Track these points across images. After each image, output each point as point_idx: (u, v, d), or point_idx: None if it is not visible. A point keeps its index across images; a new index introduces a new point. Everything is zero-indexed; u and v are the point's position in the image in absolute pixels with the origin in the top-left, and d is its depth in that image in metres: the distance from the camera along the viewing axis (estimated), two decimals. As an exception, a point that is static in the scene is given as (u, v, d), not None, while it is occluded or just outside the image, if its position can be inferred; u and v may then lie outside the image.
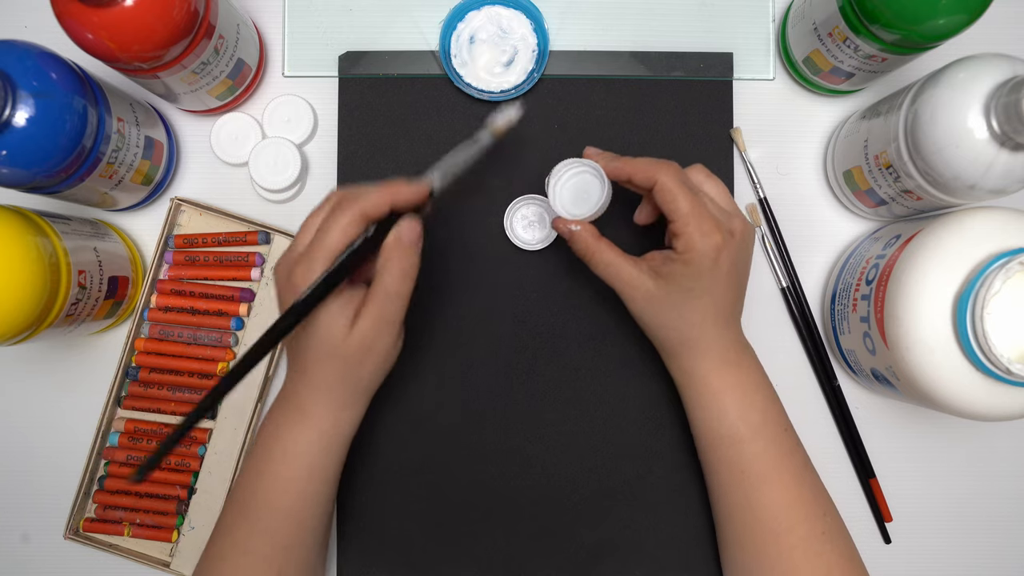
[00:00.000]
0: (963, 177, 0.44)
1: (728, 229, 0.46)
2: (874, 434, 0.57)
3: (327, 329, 0.43)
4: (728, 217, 0.47)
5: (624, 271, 0.47)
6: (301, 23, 0.58)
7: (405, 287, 0.44)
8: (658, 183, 0.45)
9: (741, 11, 0.58)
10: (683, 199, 0.45)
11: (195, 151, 0.59)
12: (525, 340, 0.57)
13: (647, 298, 0.47)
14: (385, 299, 0.43)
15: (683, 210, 0.45)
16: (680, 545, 0.56)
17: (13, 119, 0.43)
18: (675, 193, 0.45)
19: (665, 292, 0.46)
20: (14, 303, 0.45)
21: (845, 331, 0.53)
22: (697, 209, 0.45)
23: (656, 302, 0.47)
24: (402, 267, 0.43)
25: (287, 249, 0.45)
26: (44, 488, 0.58)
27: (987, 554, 0.58)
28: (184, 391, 0.56)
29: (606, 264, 0.47)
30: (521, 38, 0.56)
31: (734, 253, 0.46)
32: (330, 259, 0.42)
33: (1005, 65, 0.42)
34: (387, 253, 0.43)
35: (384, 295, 0.43)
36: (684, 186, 0.45)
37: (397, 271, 0.43)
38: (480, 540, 0.56)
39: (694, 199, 0.45)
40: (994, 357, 0.42)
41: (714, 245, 0.45)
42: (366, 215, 0.43)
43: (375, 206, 0.43)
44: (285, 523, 0.46)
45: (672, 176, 0.45)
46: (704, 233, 0.45)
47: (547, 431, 0.57)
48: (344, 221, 0.43)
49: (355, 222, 0.43)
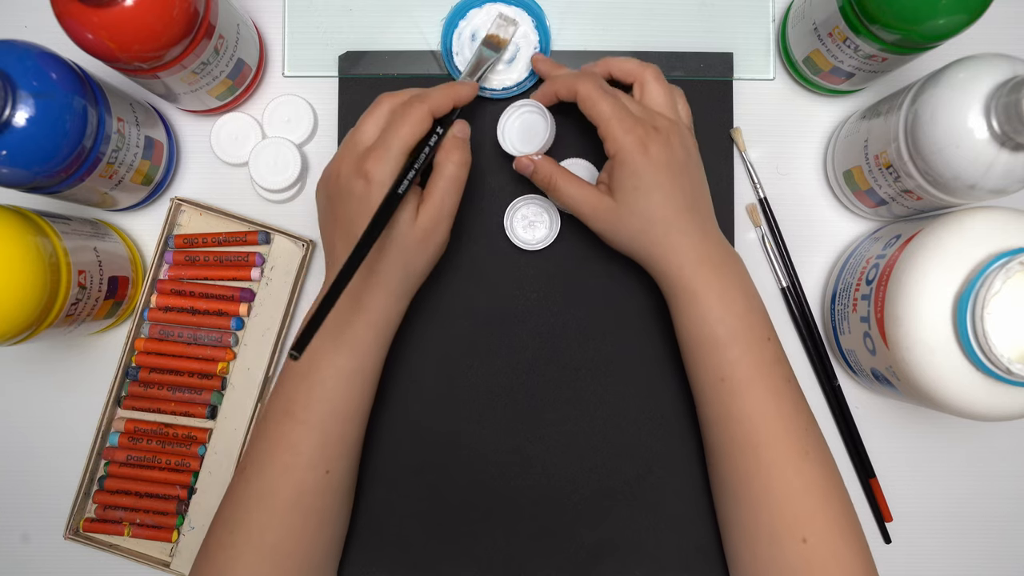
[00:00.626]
0: (963, 177, 0.44)
1: (651, 125, 0.47)
2: (874, 434, 0.57)
3: (400, 219, 0.46)
4: (651, 115, 0.48)
5: (581, 192, 0.49)
6: (301, 23, 0.58)
7: (463, 175, 0.48)
8: (579, 93, 0.48)
9: (741, 11, 0.58)
10: (602, 103, 0.47)
11: (195, 151, 0.59)
12: (525, 340, 0.57)
13: (607, 214, 0.49)
14: (447, 188, 0.47)
15: (604, 113, 0.47)
16: (680, 545, 0.56)
17: (13, 119, 0.43)
18: (594, 99, 0.48)
19: (620, 200, 0.48)
20: (14, 303, 0.45)
21: (845, 331, 0.53)
22: (617, 110, 0.47)
23: (615, 214, 0.48)
24: (461, 158, 0.47)
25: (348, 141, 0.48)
26: (44, 488, 0.58)
27: (987, 554, 0.58)
28: (184, 391, 0.56)
29: (566, 190, 0.50)
30: (523, 35, 0.56)
31: (661, 147, 0.47)
32: (405, 150, 0.46)
33: (1005, 65, 0.43)
34: (448, 146, 0.48)
35: (446, 184, 0.47)
36: (602, 90, 0.48)
37: (456, 162, 0.47)
38: (480, 540, 0.56)
39: (613, 101, 0.47)
40: (994, 357, 0.42)
41: (637, 138, 0.47)
42: (434, 112, 0.47)
43: (441, 104, 0.47)
44: (334, 419, 0.48)
45: (590, 84, 0.48)
46: (626, 130, 0.47)
47: (547, 431, 0.57)
48: (418, 115, 0.46)
49: (426, 117, 0.46)
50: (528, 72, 0.56)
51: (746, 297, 0.49)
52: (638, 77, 0.50)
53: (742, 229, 0.58)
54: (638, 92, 0.50)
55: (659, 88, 0.50)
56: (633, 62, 0.51)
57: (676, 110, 0.50)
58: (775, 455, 0.46)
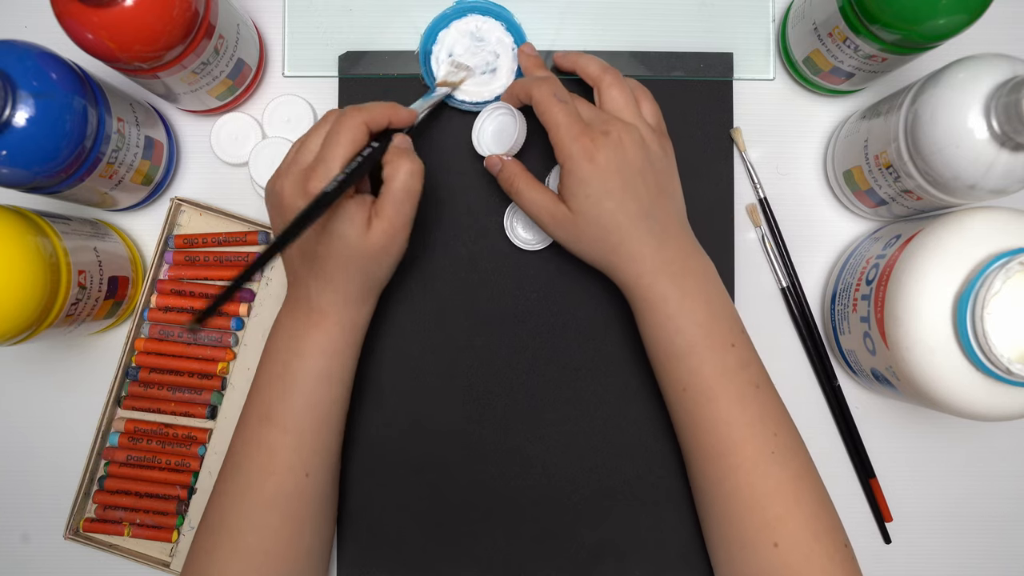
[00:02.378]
0: (963, 177, 0.44)
1: (601, 131, 0.46)
2: (874, 434, 0.57)
3: (348, 231, 0.46)
4: (604, 120, 0.47)
5: (540, 198, 0.49)
6: (301, 23, 0.58)
7: (416, 185, 0.47)
8: (532, 98, 0.48)
9: (741, 11, 0.58)
10: (553, 110, 0.47)
11: (195, 151, 0.59)
12: (525, 340, 0.57)
13: (562, 219, 0.48)
14: (400, 198, 0.46)
15: (552, 121, 0.47)
16: (680, 545, 0.56)
17: (13, 119, 0.43)
18: (546, 106, 0.47)
19: (573, 211, 0.47)
20: (14, 303, 0.45)
21: (845, 331, 0.53)
22: (566, 118, 0.47)
23: (572, 223, 0.48)
24: (410, 168, 0.46)
25: (283, 164, 0.48)
26: (44, 488, 0.58)
27: (987, 554, 0.58)
28: (184, 391, 0.56)
29: (527, 194, 0.49)
30: (498, 41, 0.56)
31: (610, 153, 0.46)
32: (345, 160, 0.45)
33: (1005, 65, 0.43)
34: (394, 158, 0.47)
35: (397, 194, 0.46)
36: (554, 97, 0.47)
37: (406, 171, 0.46)
38: (480, 540, 0.56)
39: (564, 108, 0.47)
40: (994, 357, 0.42)
41: (583, 147, 0.46)
42: (369, 124, 0.47)
43: (377, 118, 0.47)
44: (309, 421, 0.48)
45: (544, 90, 0.48)
46: (573, 137, 0.46)
47: (547, 431, 0.57)
48: (352, 124, 0.46)
49: (361, 129, 0.46)
50: (513, 75, 0.56)
51: (707, 304, 0.47)
52: (596, 82, 0.50)
53: (742, 229, 0.58)
54: (598, 98, 0.50)
55: (617, 92, 0.49)
56: (595, 64, 0.50)
57: (637, 112, 0.49)
58: (740, 460, 0.46)
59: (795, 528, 0.45)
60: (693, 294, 0.47)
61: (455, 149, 0.57)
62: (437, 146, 0.57)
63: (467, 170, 0.57)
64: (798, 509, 0.45)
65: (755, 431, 0.46)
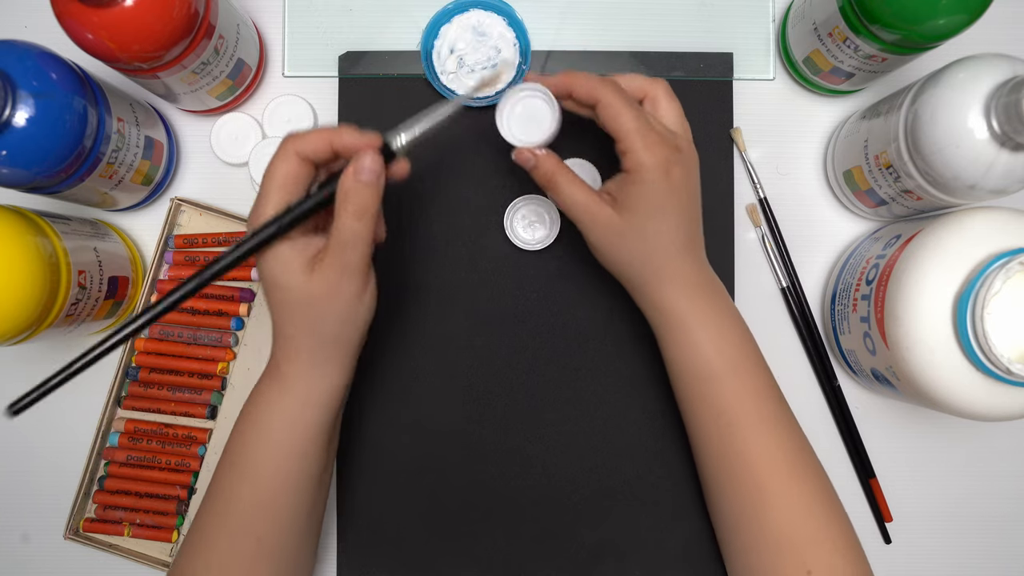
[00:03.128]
0: (963, 177, 0.44)
1: (674, 145, 0.45)
2: (874, 434, 0.57)
3: (281, 275, 0.42)
4: (672, 134, 0.45)
5: (584, 199, 0.46)
6: (301, 23, 0.58)
7: (362, 228, 0.41)
8: (600, 101, 0.44)
9: (741, 11, 0.58)
10: (626, 115, 0.44)
11: (195, 151, 0.59)
12: (525, 340, 0.57)
13: (608, 226, 0.45)
14: (341, 243, 0.41)
15: (627, 126, 0.44)
16: (680, 545, 0.56)
17: (13, 119, 0.43)
18: (617, 109, 0.44)
19: (625, 218, 0.45)
20: (14, 303, 0.45)
21: (845, 331, 0.53)
22: (641, 124, 0.44)
23: (617, 230, 0.45)
24: (357, 207, 0.41)
25: None
26: (44, 488, 0.58)
27: (987, 554, 0.58)
28: (184, 391, 0.56)
29: (568, 194, 0.46)
30: (500, 36, 0.56)
31: (681, 170, 0.44)
32: (274, 204, 0.41)
33: (1005, 65, 0.43)
34: (342, 192, 0.41)
35: (340, 239, 0.41)
36: (627, 102, 0.44)
37: (352, 211, 0.41)
38: (480, 540, 0.56)
39: (638, 114, 0.44)
40: (994, 357, 0.42)
41: (663, 158, 0.44)
42: (303, 154, 0.42)
43: (312, 146, 0.42)
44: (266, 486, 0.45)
45: (614, 93, 0.44)
46: (649, 147, 0.43)
47: (547, 431, 0.57)
48: (281, 166, 0.41)
49: (290, 160, 0.41)
50: (515, 71, 0.56)
51: (739, 326, 0.48)
52: (649, 93, 0.47)
53: (742, 229, 0.58)
54: (649, 108, 0.47)
55: (673, 105, 0.47)
56: (641, 78, 0.47)
57: (688, 132, 0.47)
58: (777, 485, 0.45)
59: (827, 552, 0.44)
60: (727, 315, 0.47)
61: (455, 146, 0.57)
62: (437, 144, 0.57)
63: (467, 169, 0.57)
64: (829, 530, 0.45)
65: (785, 453, 0.46)
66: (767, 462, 0.46)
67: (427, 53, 0.56)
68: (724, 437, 0.46)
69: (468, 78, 0.56)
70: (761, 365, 0.48)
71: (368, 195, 0.41)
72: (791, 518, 0.45)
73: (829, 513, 0.46)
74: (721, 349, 0.46)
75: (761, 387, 0.47)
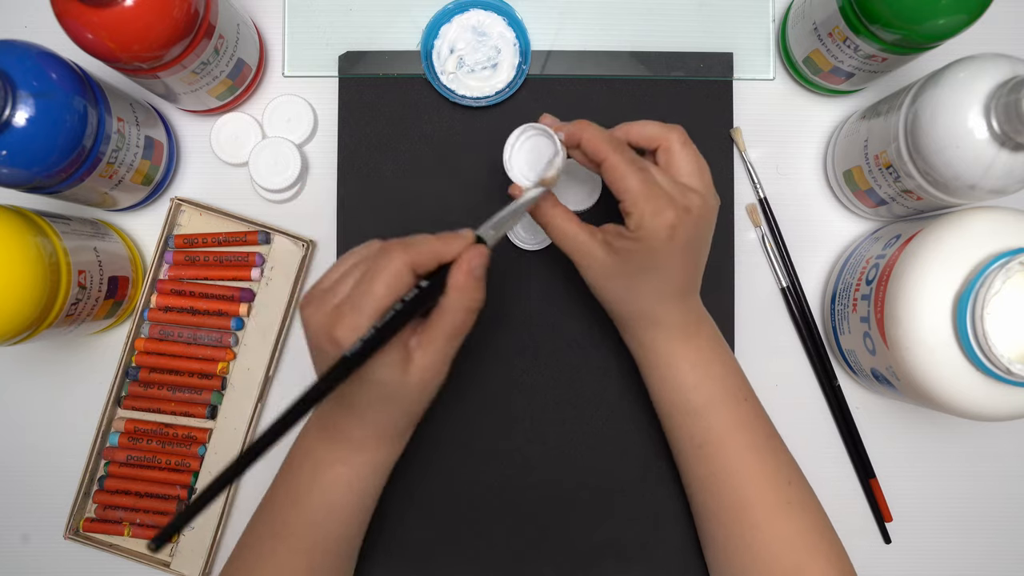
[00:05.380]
0: (963, 177, 0.44)
1: (683, 206, 0.43)
2: (874, 434, 0.57)
3: (383, 379, 0.40)
4: (684, 192, 0.44)
5: (579, 239, 0.45)
6: (301, 23, 0.58)
7: (470, 323, 0.41)
8: (605, 162, 0.43)
9: (741, 11, 0.58)
10: (632, 178, 0.43)
11: (195, 151, 0.59)
12: (525, 340, 0.57)
13: (601, 269, 0.46)
14: (448, 338, 0.41)
15: (632, 189, 0.43)
16: (680, 545, 0.56)
17: (13, 119, 0.43)
18: (623, 171, 0.43)
19: (618, 266, 0.45)
20: (14, 303, 0.45)
21: (845, 331, 0.53)
22: (647, 188, 0.43)
23: (609, 274, 0.46)
24: (469, 305, 0.40)
25: (317, 289, 0.41)
26: (44, 488, 0.57)
27: (987, 554, 0.58)
28: (184, 391, 0.56)
29: (562, 231, 0.46)
30: (500, 36, 0.56)
31: (690, 230, 0.44)
32: (379, 310, 0.38)
33: (1005, 65, 0.43)
34: (457, 288, 0.40)
35: (448, 334, 0.40)
36: (633, 164, 0.43)
37: (466, 306, 0.40)
38: (480, 540, 0.56)
39: (643, 176, 0.43)
40: (994, 357, 0.42)
41: (666, 224, 0.43)
42: (414, 266, 0.39)
43: (423, 259, 0.40)
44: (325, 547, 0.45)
45: (618, 153, 0.43)
46: (655, 212, 0.43)
47: (547, 431, 0.57)
48: (393, 270, 0.39)
49: (404, 272, 0.39)
50: (515, 71, 0.56)
51: (722, 360, 0.48)
52: (663, 142, 0.46)
53: (742, 229, 0.58)
54: (663, 159, 0.46)
55: (688, 153, 0.45)
56: (655, 125, 0.46)
57: (706, 179, 0.46)
58: (759, 511, 0.46)
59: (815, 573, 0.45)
60: (710, 349, 0.48)
61: (455, 147, 0.57)
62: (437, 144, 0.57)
63: (467, 169, 0.57)
64: (818, 555, 0.46)
65: (772, 482, 0.47)
66: (750, 488, 0.47)
67: (427, 53, 0.56)
68: (707, 466, 0.48)
69: (469, 79, 0.56)
70: (742, 396, 0.48)
71: (481, 290, 0.41)
72: (777, 543, 0.46)
73: (817, 540, 0.46)
74: (698, 384, 0.47)
75: (744, 419, 0.48)
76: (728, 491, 0.47)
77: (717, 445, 0.47)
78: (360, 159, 0.57)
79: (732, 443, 0.47)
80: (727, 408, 0.48)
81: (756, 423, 0.48)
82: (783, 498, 0.47)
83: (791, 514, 0.46)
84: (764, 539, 0.46)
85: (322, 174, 0.58)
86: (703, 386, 0.47)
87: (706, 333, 0.49)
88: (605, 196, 0.56)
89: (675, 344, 0.48)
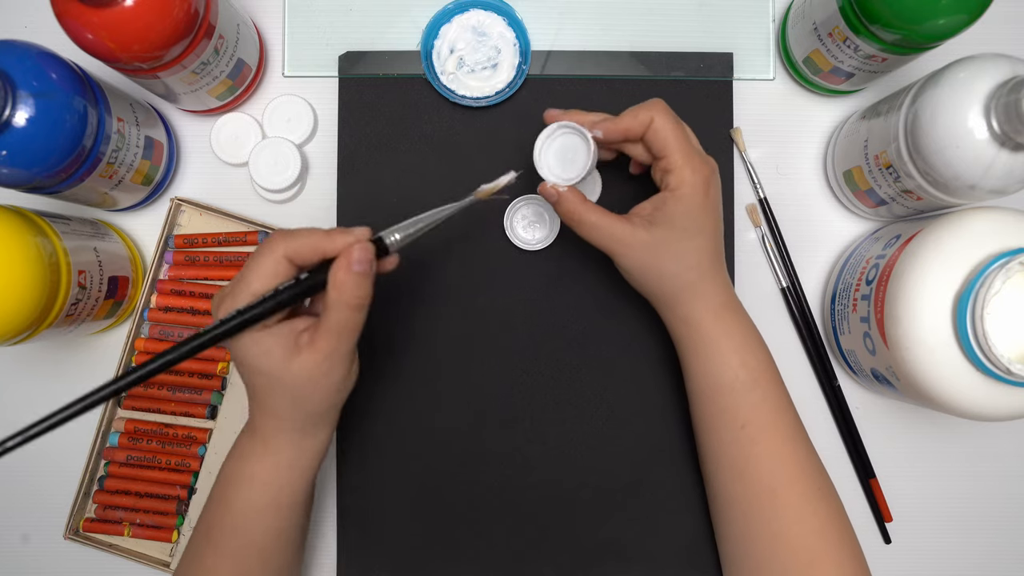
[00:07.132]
0: (963, 177, 0.44)
1: (713, 164, 0.47)
2: (874, 434, 0.57)
3: (263, 362, 0.41)
4: (704, 153, 0.47)
5: (615, 229, 0.47)
6: (301, 23, 0.58)
7: (355, 321, 0.41)
8: (654, 122, 0.46)
9: (741, 11, 0.58)
10: (674, 134, 0.46)
11: (195, 151, 0.59)
12: (525, 340, 0.57)
13: (644, 249, 0.46)
14: (333, 335, 0.41)
15: (674, 145, 0.45)
16: (681, 545, 0.56)
17: (13, 119, 0.43)
18: (668, 129, 0.46)
19: (661, 238, 0.46)
20: (14, 303, 0.45)
21: (845, 331, 0.53)
22: (686, 144, 0.46)
23: (653, 251, 0.46)
24: (354, 298, 0.40)
25: None
26: (44, 488, 0.58)
27: (987, 554, 0.58)
28: (184, 391, 0.56)
29: (594, 226, 0.47)
30: (500, 36, 0.56)
31: (717, 188, 0.47)
32: (252, 296, 0.40)
33: (1005, 65, 0.43)
34: (336, 283, 0.40)
35: (332, 331, 0.41)
36: (675, 122, 0.46)
37: (347, 302, 0.40)
38: (480, 540, 0.56)
39: (683, 134, 0.46)
40: (994, 357, 0.42)
41: (704, 178, 0.46)
42: (293, 257, 0.41)
43: (301, 252, 0.41)
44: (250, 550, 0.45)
45: (665, 113, 0.46)
46: (695, 168, 0.45)
47: (547, 431, 0.57)
48: (266, 262, 0.40)
49: (279, 262, 0.40)
50: (515, 71, 0.56)
51: (761, 344, 0.49)
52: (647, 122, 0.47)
53: (742, 229, 0.58)
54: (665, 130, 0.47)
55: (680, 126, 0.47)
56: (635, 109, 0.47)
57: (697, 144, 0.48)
58: (794, 498, 0.46)
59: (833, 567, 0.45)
60: (749, 328, 0.49)
61: (455, 147, 0.57)
62: (437, 145, 0.57)
63: (467, 169, 0.57)
64: (842, 547, 0.46)
65: (803, 467, 0.47)
66: (784, 474, 0.46)
67: (427, 53, 0.56)
68: (744, 447, 0.47)
69: (469, 79, 0.56)
70: (780, 382, 0.49)
71: (364, 285, 0.41)
72: (803, 532, 0.45)
73: (841, 534, 0.46)
74: (746, 362, 0.47)
75: (781, 402, 0.48)
76: (763, 475, 0.46)
77: (757, 427, 0.47)
78: (360, 159, 0.57)
79: (771, 426, 0.47)
80: (773, 386, 0.48)
81: (791, 409, 0.48)
82: (814, 486, 0.46)
83: (819, 504, 0.46)
84: (794, 526, 0.46)
85: (322, 174, 0.58)
86: (750, 363, 0.47)
87: (744, 314, 0.49)
88: (605, 196, 0.56)
89: (718, 317, 0.48)
